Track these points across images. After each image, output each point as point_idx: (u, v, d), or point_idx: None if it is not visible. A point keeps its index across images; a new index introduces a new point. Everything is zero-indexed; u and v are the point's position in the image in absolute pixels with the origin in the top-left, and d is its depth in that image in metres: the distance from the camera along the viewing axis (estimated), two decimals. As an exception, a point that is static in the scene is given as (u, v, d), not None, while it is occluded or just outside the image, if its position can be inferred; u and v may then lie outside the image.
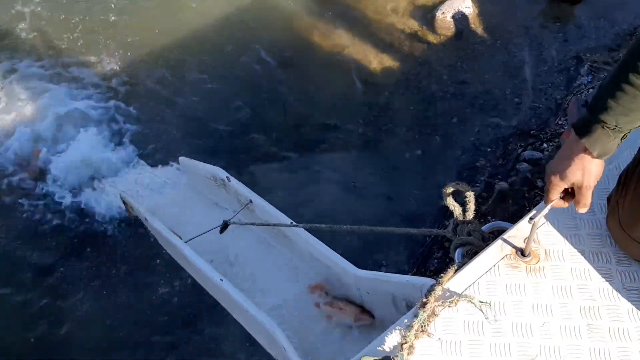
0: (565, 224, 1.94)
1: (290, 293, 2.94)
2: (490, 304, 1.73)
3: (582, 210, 1.63)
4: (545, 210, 1.65)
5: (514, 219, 3.67)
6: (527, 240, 1.80)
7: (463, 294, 1.74)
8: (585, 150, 1.52)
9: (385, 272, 3.64)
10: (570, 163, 1.55)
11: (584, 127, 1.51)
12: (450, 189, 1.88)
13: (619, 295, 1.76)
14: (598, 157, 1.52)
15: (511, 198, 4.37)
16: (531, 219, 1.67)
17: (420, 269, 4.25)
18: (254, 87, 5.70)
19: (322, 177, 4.90)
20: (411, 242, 4.40)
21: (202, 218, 3.46)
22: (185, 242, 3.12)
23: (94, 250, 4.48)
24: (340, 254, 2.72)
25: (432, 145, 5.09)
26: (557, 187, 1.62)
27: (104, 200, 4.58)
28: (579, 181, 1.57)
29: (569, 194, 1.65)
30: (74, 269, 4.38)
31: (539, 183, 4.41)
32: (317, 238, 2.82)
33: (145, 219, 3.43)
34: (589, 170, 1.55)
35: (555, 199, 1.64)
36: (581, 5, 6.30)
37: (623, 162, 2.07)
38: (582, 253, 1.87)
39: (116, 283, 4.29)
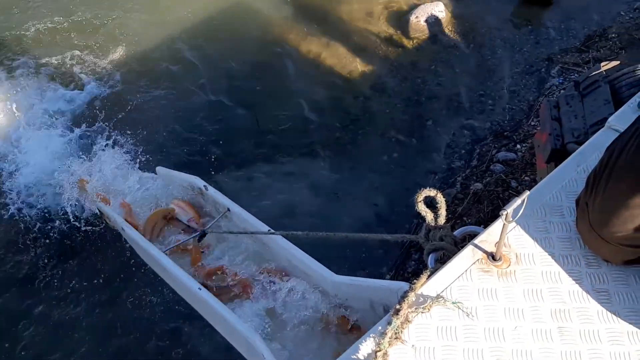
0: (535, 227, 1.97)
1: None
2: (462, 303, 1.74)
3: None
4: (517, 203, 1.66)
5: (490, 219, 3.72)
6: (498, 244, 1.82)
7: (436, 297, 1.75)
8: None
9: (365, 276, 3.68)
10: None
11: None
12: (421, 195, 1.89)
13: (589, 297, 1.78)
14: None
15: (486, 199, 4.42)
16: (503, 209, 1.67)
17: (398, 272, 4.28)
18: (229, 94, 5.69)
19: (300, 182, 4.91)
20: (389, 245, 4.42)
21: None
22: (164, 251, 3.11)
23: (71, 260, 4.44)
24: (319, 260, 2.73)
25: (408, 148, 5.14)
26: None
27: (81, 209, 4.52)
28: None
29: None
30: (51, 278, 4.34)
31: (513, 184, 4.47)
32: (295, 245, 2.83)
33: (122, 229, 3.39)
34: None
35: None
36: (551, 7, 6.41)
37: (590, 164, 2.12)
38: (552, 256, 1.89)
39: (94, 293, 4.25)
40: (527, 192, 1.72)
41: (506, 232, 1.77)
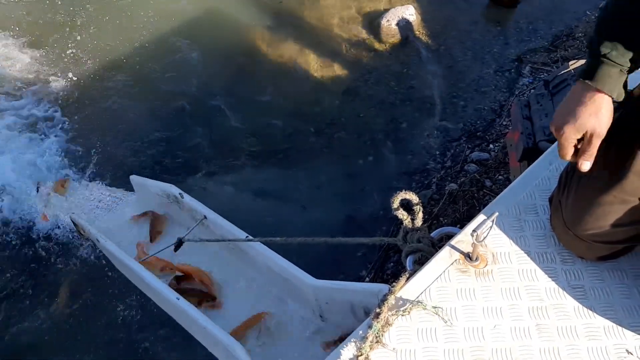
0: (510, 226, 1.99)
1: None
2: (443, 308, 1.76)
3: (587, 163, 1.59)
4: (488, 222, 1.70)
5: (466, 219, 3.75)
6: (474, 244, 1.84)
7: (415, 301, 1.76)
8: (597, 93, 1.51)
9: (344, 279, 3.69)
10: (583, 109, 1.51)
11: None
12: (398, 198, 1.91)
13: (565, 294, 1.81)
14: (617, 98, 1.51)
15: (461, 199, 4.46)
16: (474, 231, 1.71)
17: (377, 274, 4.29)
18: (201, 99, 5.66)
19: (276, 188, 4.90)
20: (367, 248, 4.43)
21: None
22: (140, 261, 3.08)
23: (46, 274, 4.35)
24: (298, 266, 2.73)
25: (383, 151, 5.16)
26: (571, 139, 1.57)
27: (53, 220, 4.46)
28: (592, 128, 1.52)
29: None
30: (25, 292, 4.26)
31: (488, 183, 4.52)
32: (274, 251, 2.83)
33: (97, 240, 3.35)
34: (602, 115, 1.51)
35: (572, 152, 1.60)
36: (519, 8, 6.52)
37: (562, 162, 2.14)
38: (528, 254, 1.91)
39: (69, 307, 4.18)
40: (496, 213, 1.77)
41: (480, 240, 1.78)
